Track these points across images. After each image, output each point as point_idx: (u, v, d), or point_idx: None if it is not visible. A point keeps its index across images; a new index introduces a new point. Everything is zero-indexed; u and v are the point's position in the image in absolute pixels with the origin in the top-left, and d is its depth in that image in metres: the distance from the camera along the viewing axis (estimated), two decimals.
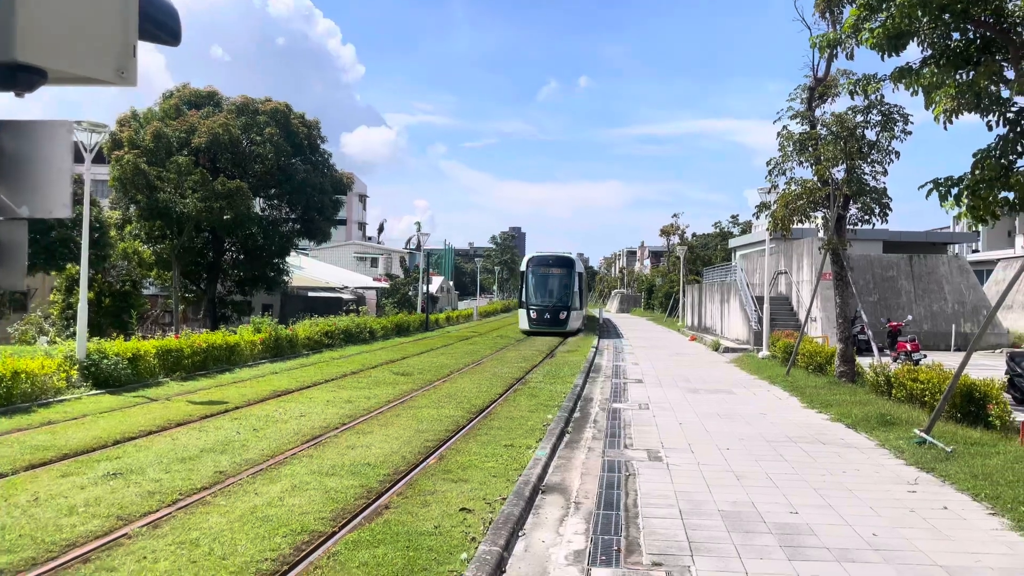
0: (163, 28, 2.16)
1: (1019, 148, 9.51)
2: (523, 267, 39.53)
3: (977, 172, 9.50)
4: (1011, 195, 9.48)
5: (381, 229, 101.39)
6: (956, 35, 9.66)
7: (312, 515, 7.02)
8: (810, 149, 17.09)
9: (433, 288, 58.70)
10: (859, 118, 16.18)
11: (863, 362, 17.37)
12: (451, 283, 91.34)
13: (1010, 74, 9.10)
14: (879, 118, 16.00)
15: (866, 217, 16.80)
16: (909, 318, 26.05)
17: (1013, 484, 8.09)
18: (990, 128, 9.65)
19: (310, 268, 53.23)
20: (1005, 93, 9.41)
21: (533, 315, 37.07)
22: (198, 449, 9.76)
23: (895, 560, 6.08)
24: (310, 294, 47.15)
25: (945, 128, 9.41)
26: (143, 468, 8.67)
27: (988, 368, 15.73)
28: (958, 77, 9.26)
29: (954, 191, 9.69)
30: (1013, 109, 9.52)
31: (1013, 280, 10.69)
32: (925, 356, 19.33)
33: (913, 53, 10.94)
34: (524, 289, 38.08)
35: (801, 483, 8.56)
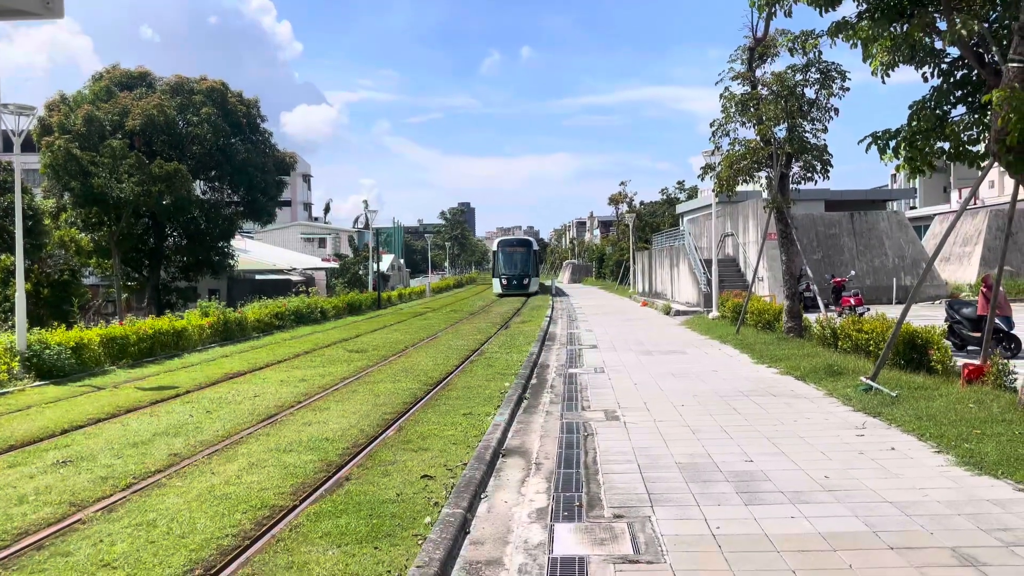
0: None
1: (953, 98, 9.77)
2: (494, 248, 53.96)
3: (914, 123, 9.73)
4: (946, 145, 9.73)
5: (327, 209, 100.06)
6: None
7: (272, 491, 6.94)
8: (752, 109, 17.29)
9: (384, 266, 58.28)
10: (798, 77, 16.42)
11: (810, 317, 17.78)
12: (402, 261, 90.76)
13: (943, 25, 9.29)
14: (818, 76, 16.28)
15: (808, 174, 17.11)
16: (852, 273, 26.76)
17: (956, 423, 8.39)
18: (926, 80, 9.88)
19: (256, 251, 52.30)
20: (939, 44, 9.62)
21: (504, 282, 50.62)
22: (150, 433, 9.57)
23: (847, 499, 6.26)
24: (258, 277, 46.33)
25: (883, 81, 9.59)
26: (94, 455, 8.46)
27: (929, 318, 16.20)
28: (893, 29, 9.43)
29: (892, 143, 9.92)
30: (946, 60, 9.76)
31: (947, 233, 11.01)
32: (868, 309, 19.87)
33: (849, 8, 11.12)
34: (496, 264, 52.08)
35: (755, 433, 8.75)
